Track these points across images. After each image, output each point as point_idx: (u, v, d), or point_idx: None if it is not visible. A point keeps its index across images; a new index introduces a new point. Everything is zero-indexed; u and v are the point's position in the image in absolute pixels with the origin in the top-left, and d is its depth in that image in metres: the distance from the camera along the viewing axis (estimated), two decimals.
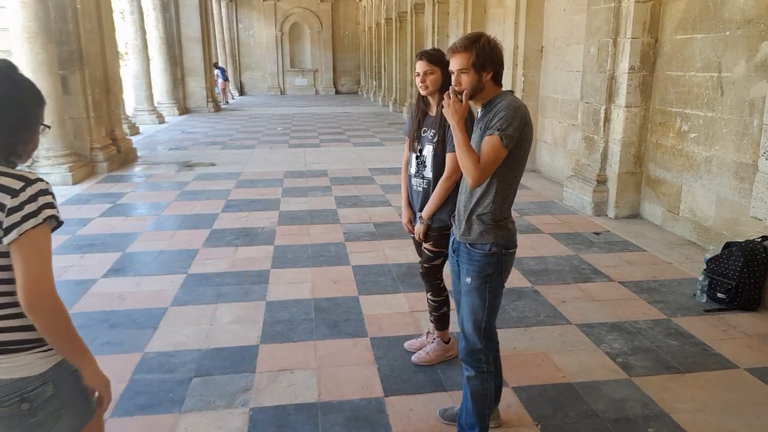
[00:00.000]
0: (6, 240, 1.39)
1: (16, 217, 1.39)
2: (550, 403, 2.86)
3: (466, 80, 2.17)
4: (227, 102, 24.06)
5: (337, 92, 31.10)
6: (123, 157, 9.66)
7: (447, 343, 3.24)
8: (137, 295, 4.18)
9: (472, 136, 2.29)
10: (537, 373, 3.13)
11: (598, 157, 6.30)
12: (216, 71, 22.75)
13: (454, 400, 2.85)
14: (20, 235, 1.38)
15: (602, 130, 6.24)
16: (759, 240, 4.03)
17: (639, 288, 4.31)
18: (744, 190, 4.68)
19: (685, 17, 5.39)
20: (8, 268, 1.44)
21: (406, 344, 3.39)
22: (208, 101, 19.37)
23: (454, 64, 2.18)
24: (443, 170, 2.83)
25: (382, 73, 22.22)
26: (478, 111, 2.30)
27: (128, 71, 15.82)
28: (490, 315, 2.34)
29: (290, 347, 3.43)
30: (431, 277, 3.07)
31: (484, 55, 2.13)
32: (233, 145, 12.10)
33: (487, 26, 10.83)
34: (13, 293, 1.45)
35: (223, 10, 28.16)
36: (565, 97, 7.87)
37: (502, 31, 9.17)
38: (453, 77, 2.20)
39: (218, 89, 22.96)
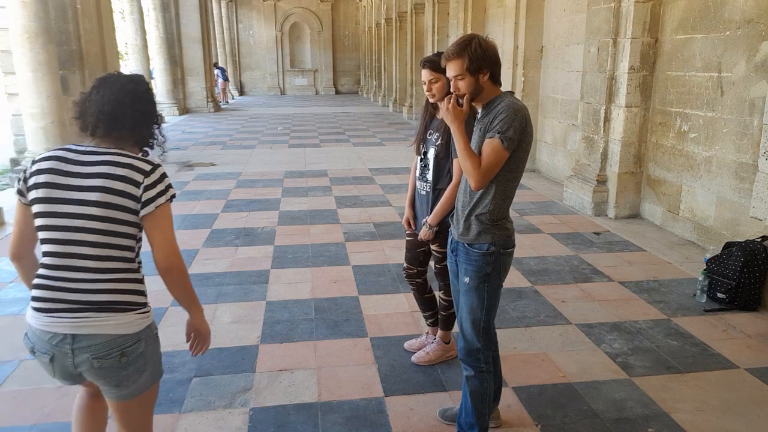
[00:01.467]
0: (144, 212, 1.70)
1: (152, 192, 1.70)
2: (550, 403, 2.86)
3: (463, 85, 2.18)
4: (227, 102, 24.07)
5: (337, 92, 31.10)
6: None
7: (447, 343, 3.25)
8: None
9: (472, 136, 2.30)
10: (537, 373, 3.13)
11: (598, 157, 6.30)
12: (216, 71, 22.76)
13: (453, 400, 2.85)
14: (156, 208, 1.70)
15: (602, 130, 6.24)
16: (759, 240, 4.03)
17: (639, 288, 4.31)
18: (744, 190, 4.68)
19: (685, 17, 5.39)
20: (134, 237, 1.75)
21: (406, 344, 3.40)
22: (208, 101, 19.38)
23: (450, 71, 2.19)
24: (444, 174, 2.84)
25: (382, 73, 22.23)
26: (479, 110, 2.31)
27: (128, 71, 15.80)
28: (489, 314, 2.34)
29: (290, 347, 3.43)
30: (445, 276, 3.08)
31: (477, 58, 2.13)
32: (233, 145, 12.11)
33: (487, 26, 10.84)
34: (132, 260, 1.76)
35: (223, 10, 28.17)
36: (565, 97, 7.87)
37: (502, 31, 9.18)
38: (451, 83, 2.22)
39: (218, 89, 22.96)
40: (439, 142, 2.84)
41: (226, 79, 24.55)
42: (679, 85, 5.48)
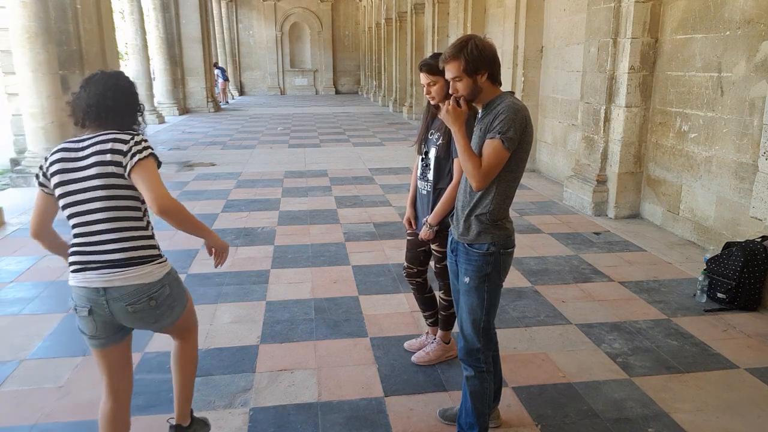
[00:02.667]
0: (126, 170, 1.97)
1: (129, 156, 1.98)
2: (550, 403, 2.86)
3: (461, 86, 2.20)
4: (227, 102, 24.06)
5: (337, 92, 31.10)
6: None
7: (447, 343, 3.25)
8: None
9: (473, 136, 2.30)
10: (537, 373, 3.13)
11: (598, 157, 6.30)
12: (216, 71, 22.75)
13: (453, 400, 2.85)
14: (136, 163, 1.96)
15: (602, 130, 6.24)
16: (759, 240, 4.03)
17: (639, 288, 4.31)
18: (744, 190, 4.68)
19: (685, 17, 5.39)
20: (137, 199, 2.04)
21: (406, 344, 3.40)
22: (208, 101, 19.38)
23: (448, 73, 2.21)
24: (445, 174, 2.84)
25: (382, 73, 22.22)
26: (479, 110, 2.31)
27: (128, 71, 15.82)
28: (489, 314, 2.34)
29: (290, 347, 3.43)
30: (445, 275, 3.08)
31: (474, 59, 2.14)
32: (233, 145, 12.10)
33: (487, 26, 10.83)
34: (140, 219, 2.07)
35: (223, 10, 28.17)
36: (565, 97, 7.87)
37: (502, 31, 9.18)
38: (450, 85, 2.23)
39: (218, 89, 22.96)
40: (440, 142, 2.84)
41: (226, 79, 24.55)
42: (679, 85, 5.48)
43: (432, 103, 2.87)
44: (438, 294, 3.22)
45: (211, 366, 3.21)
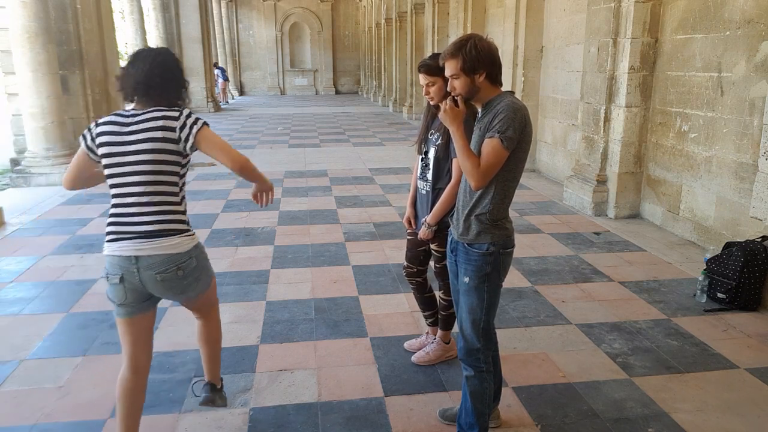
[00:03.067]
0: (189, 144, 2.16)
1: (186, 128, 2.15)
2: (550, 403, 2.86)
3: (459, 85, 2.22)
4: (227, 102, 24.05)
5: (337, 92, 31.10)
6: None
7: (447, 343, 3.25)
8: None
9: (473, 136, 2.30)
10: (537, 373, 3.13)
11: (598, 157, 6.30)
12: (216, 71, 22.75)
13: (453, 400, 2.85)
14: (197, 134, 2.16)
15: (602, 130, 6.24)
16: (759, 240, 4.03)
17: (639, 288, 4.31)
18: (744, 190, 4.69)
19: (685, 17, 5.39)
20: (178, 174, 2.20)
21: (406, 344, 3.40)
22: (208, 101, 19.38)
23: (447, 70, 2.24)
24: (444, 174, 2.84)
25: (382, 73, 22.22)
26: (479, 110, 2.31)
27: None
28: (489, 314, 2.34)
29: (290, 347, 3.43)
30: (445, 275, 3.08)
31: (471, 58, 2.16)
32: (233, 145, 12.03)
33: (487, 26, 10.83)
34: (176, 194, 2.20)
35: (223, 10, 28.17)
36: (565, 97, 7.87)
37: (502, 31, 9.18)
38: (449, 83, 2.26)
39: (218, 89, 22.96)
40: (439, 142, 2.84)
41: (226, 79, 24.54)
42: (679, 85, 5.48)
43: (431, 103, 2.88)
44: (438, 294, 3.22)
45: None
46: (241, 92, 29.96)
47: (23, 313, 3.94)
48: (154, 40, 17.55)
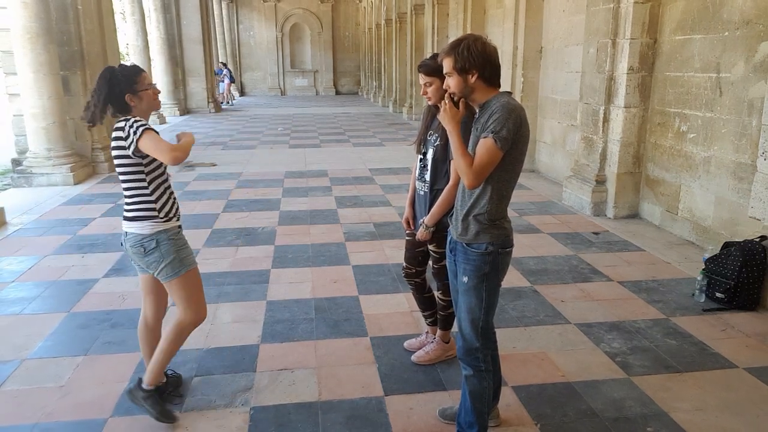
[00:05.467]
0: (132, 149, 2.47)
1: (131, 137, 2.46)
2: (549, 402, 2.87)
3: (452, 83, 2.26)
4: (230, 103, 24.00)
5: (338, 93, 31.12)
6: None
7: (447, 342, 3.26)
8: (138, 295, 4.11)
9: (470, 137, 2.32)
10: (536, 373, 3.14)
11: (597, 158, 6.32)
12: (224, 71, 22.78)
13: (453, 399, 2.87)
14: (136, 141, 2.44)
15: (601, 131, 6.26)
16: (757, 240, 4.04)
17: (638, 288, 4.32)
18: (742, 190, 4.70)
19: (683, 18, 5.40)
20: (142, 172, 2.56)
21: (406, 344, 3.41)
22: (208, 102, 19.40)
23: (444, 68, 2.28)
24: (442, 175, 2.85)
25: (382, 73, 22.24)
26: (477, 111, 2.33)
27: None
28: (488, 314, 2.36)
29: (290, 347, 3.44)
30: (443, 276, 3.09)
31: (464, 58, 2.19)
32: (234, 146, 12.12)
33: (487, 27, 10.85)
34: (145, 187, 2.58)
35: (224, 10, 28.20)
36: (564, 97, 7.89)
37: (501, 32, 9.19)
38: (444, 81, 2.31)
39: (223, 89, 22.96)
40: (438, 143, 2.86)
41: (232, 80, 24.49)
42: (678, 86, 5.49)
43: (429, 103, 2.90)
44: (436, 294, 3.23)
45: (211, 365, 3.22)
46: (242, 93, 29.97)
47: (24, 312, 3.95)
48: (155, 41, 17.57)
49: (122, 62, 2.83)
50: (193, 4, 18.56)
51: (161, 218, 2.60)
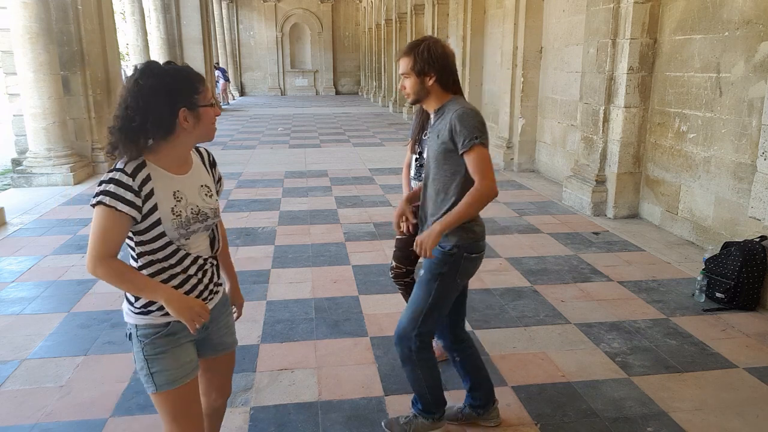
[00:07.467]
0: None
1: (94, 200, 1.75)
2: (549, 402, 2.87)
3: (408, 84, 2.23)
4: (228, 103, 24.05)
5: (338, 93, 31.13)
6: None
7: None
8: None
9: (428, 142, 2.31)
10: (536, 373, 3.14)
11: (597, 158, 6.32)
12: (216, 72, 22.76)
13: (453, 398, 2.86)
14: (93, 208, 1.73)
15: (601, 131, 6.26)
16: (757, 240, 4.04)
17: (638, 288, 4.32)
18: (742, 190, 4.70)
19: (683, 18, 5.40)
20: (129, 245, 1.82)
21: None
22: None
23: (400, 68, 2.25)
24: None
25: (382, 73, 22.24)
26: (431, 114, 2.32)
27: (129, 71, 15.82)
28: (431, 312, 2.32)
29: (291, 347, 3.44)
30: None
31: (422, 60, 2.17)
32: (234, 146, 12.12)
33: (487, 27, 10.86)
34: (136, 261, 1.80)
35: (224, 10, 28.17)
36: (564, 97, 7.89)
37: (501, 32, 9.19)
38: (400, 83, 2.28)
39: (219, 90, 22.96)
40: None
41: (227, 80, 24.54)
42: (678, 86, 5.50)
43: (408, 100, 2.87)
44: None
45: None
46: (242, 93, 29.98)
47: (24, 312, 3.95)
48: (155, 41, 17.56)
49: (170, 60, 1.87)
50: (193, 5, 18.55)
51: (135, 307, 1.76)
